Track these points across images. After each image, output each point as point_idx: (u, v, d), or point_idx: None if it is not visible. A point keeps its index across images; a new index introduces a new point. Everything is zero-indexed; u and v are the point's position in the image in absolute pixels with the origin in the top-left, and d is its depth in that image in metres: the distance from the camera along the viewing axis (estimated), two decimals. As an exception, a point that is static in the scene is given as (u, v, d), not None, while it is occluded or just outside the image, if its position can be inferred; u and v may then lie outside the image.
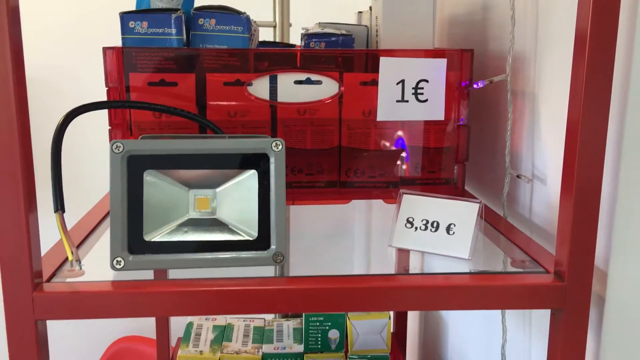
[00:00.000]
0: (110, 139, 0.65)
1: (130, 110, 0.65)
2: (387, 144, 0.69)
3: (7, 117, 0.44)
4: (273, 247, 0.52)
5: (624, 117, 0.51)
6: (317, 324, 0.96)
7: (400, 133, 0.70)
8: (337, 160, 0.70)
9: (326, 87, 0.68)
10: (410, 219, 0.58)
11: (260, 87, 0.67)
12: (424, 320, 1.12)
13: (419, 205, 0.58)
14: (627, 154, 0.51)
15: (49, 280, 0.50)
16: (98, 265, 0.54)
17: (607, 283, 0.54)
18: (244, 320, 1.06)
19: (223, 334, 1.01)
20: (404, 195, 0.59)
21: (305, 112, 0.69)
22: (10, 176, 0.45)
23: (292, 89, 0.68)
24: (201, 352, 0.95)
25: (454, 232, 0.56)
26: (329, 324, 0.96)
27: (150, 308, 0.48)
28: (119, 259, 0.51)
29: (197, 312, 0.48)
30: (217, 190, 0.54)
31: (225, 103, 0.67)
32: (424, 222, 0.58)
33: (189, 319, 1.04)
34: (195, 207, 0.54)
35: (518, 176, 0.68)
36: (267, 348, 0.96)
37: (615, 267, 0.53)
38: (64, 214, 0.49)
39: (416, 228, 0.58)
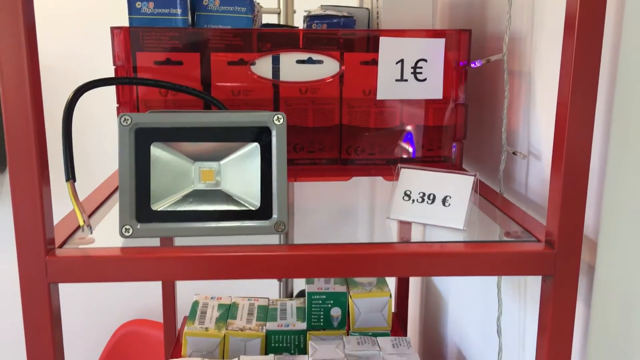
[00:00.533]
0: (118, 116, 0.67)
1: (137, 89, 0.68)
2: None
3: (21, 93, 0.46)
4: (275, 216, 0.55)
5: (612, 94, 0.53)
6: (320, 302, 0.98)
7: (399, 112, 0.72)
8: (337, 138, 0.72)
9: (327, 67, 0.70)
10: (408, 192, 0.60)
11: (263, 67, 0.69)
12: (424, 300, 1.14)
13: (416, 179, 0.60)
14: (616, 129, 0.53)
15: (60, 246, 0.52)
16: (107, 234, 0.56)
17: (596, 252, 0.56)
18: (248, 300, 1.08)
19: (228, 312, 1.03)
20: (402, 169, 0.61)
21: (307, 91, 0.71)
22: (24, 151, 0.47)
23: (294, 68, 0.70)
24: (207, 328, 0.98)
25: (449, 204, 0.58)
26: (331, 302, 0.98)
27: (157, 272, 0.50)
28: (127, 226, 0.53)
29: (202, 276, 0.50)
30: (221, 162, 0.56)
31: (229, 83, 0.69)
32: (421, 194, 0.60)
33: (194, 299, 1.07)
34: (200, 178, 0.56)
35: (514, 153, 0.69)
36: (271, 325, 0.99)
37: (605, 238, 0.55)
38: (75, 184, 0.51)
39: (413, 201, 0.60)
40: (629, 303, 0.52)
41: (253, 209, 0.55)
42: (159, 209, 0.54)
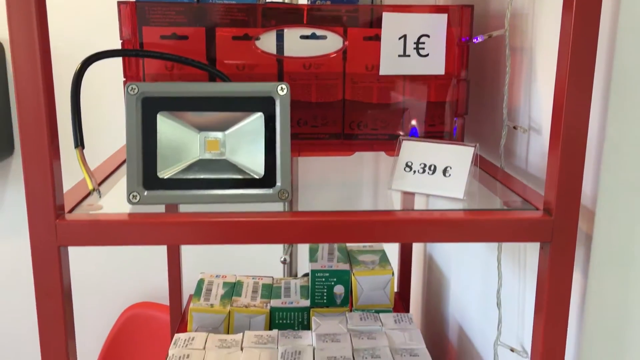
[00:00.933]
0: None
1: (144, 63, 0.69)
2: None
3: (32, 62, 0.47)
4: (278, 184, 0.56)
5: (610, 67, 0.54)
6: (323, 279, 1.00)
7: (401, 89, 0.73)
8: (341, 113, 0.73)
9: (331, 42, 0.71)
10: (409, 163, 0.61)
11: (267, 42, 0.70)
12: (426, 280, 1.15)
13: (417, 150, 0.61)
14: (614, 100, 0.53)
15: (70, 212, 0.53)
16: (115, 202, 0.57)
17: (594, 222, 0.57)
18: (252, 279, 1.10)
19: (233, 290, 1.05)
20: (404, 141, 0.62)
21: (310, 67, 0.72)
22: (35, 121, 0.48)
23: (298, 44, 0.71)
24: (212, 305, 1.00)
25: (449, 174, 0.59)
26: (335, 279, 0.99)
27: (164, 237, 0.52)
28: (134, 193, 0.54)
29: (207, 241, 0.51)
30: (226, 132, 0.57)
31: (233, 58, 0.70)
32: (422, 165, 0.61)
33: (199, 277, 1.09)
34: (206, 148, 0.57)
35: (515, 127, 0.70)
36: (275, 302, 1.00)
37: (602, 207, 0.56)
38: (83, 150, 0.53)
39: (414, 171, 0.61)
40: (626, 272, 0.54)
41: (257, 177, 0.56)
42: (165, 177, 0.55)
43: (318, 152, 0.74)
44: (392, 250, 1.14)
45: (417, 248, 1.17)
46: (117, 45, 0.69)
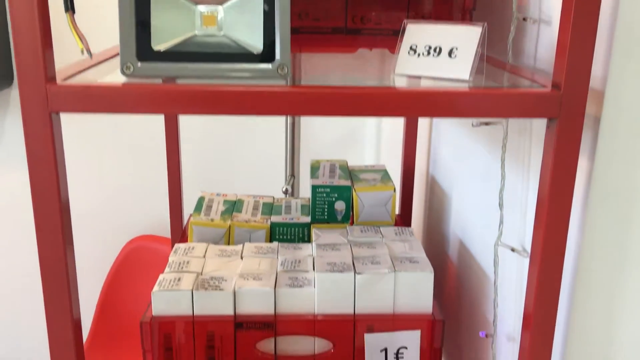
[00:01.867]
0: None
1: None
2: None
3: None
4: (277, 58, 0.54)
5: None
6: (324, 195, 0.99)
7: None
8: (344, 5, 0.71)
9: None
10: (414, 47, 0.59)
11: None
12: (428, 199, 1.14)
13: (422, 33, 0.59)
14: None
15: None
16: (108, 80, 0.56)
17: (603, 103, 0.55)
18: (253, 197, 1.09)
19: (233, 207, 1.04)
20: (408, 24, 0.60)
21: (313, -45, 0.69)
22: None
23: None
24: (212, 219, 0.99)
25: (455, 56, 0.57)
26: (336, 195, 0.98)
27: (159, 105, 0.50)
28: (128, 64, 0.53)
29: (204, 110, 0.50)
30: (224, 6, 0.55)
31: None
32: (427, 48, 0.58)
33: (200, 195, 1.08)
34: (202, 23, 0.55)
35: (524, 19, 0.68)
36: (275, 218, 1.00)
37: (612, 87, 0.54)
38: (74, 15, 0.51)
39: (419, 54, 0.59)
40: (633, 154, 0.52)
41: (256, 52, 0.55)
42: (160, 49, 0.54)
43: (320, 47, 0.72)
44: (394, 171, 1.13)
45: (419, 168, 1.16)
46: None
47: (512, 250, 0.71)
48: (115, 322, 1.73)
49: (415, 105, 0.51)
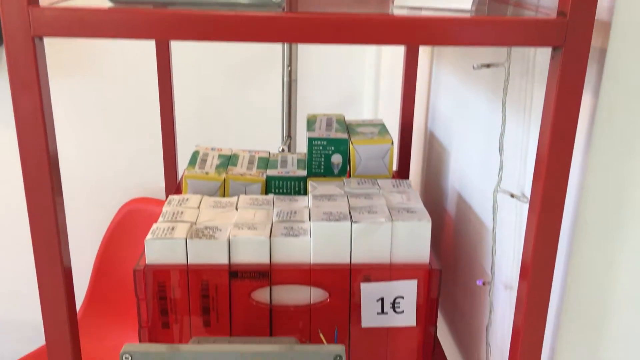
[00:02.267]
0: None
1: None
2: None
3: None
4: (272, -15, 0.52)
5: None
6: (321, 148, 0.97)
7: None
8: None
9: None
10: (413, -22, 0.57)
11: None
12: (426, 155, 1.13)
13: (422, -37, 0.57)
14: None
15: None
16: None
17: (609, 34, 0.53)
18: (249, 152, 1.07)
19: (228, 161, 1.03)
20: (408, -45, 0.58)
21: None
22: None
23: None
24: (207, 173, 0.98)
25: (457, -14, 0.55)
26: (332, 148, 0.97)
27: (149, 29, 0.48)
28: (116, -11, 0.50)
29: (198, 36, 0.48)
30: None
31: None
32: (427, -22, 0.56)
33: (194, 149, 1.06)
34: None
35: (528, -45, 0.65)
36: (271, 172, 0.98)
37: (619, 17, 0.52)
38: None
39: (419, -14, 0.57)
40: (637, 87, 0.50)
41: (250, -20, 0.52)
42: (149, -25, 0.51)
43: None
44: (393, 129, 1.11)
45: (417, 125, 1.14)
46: None
47: (512, 196, 0.69)
48: (112, 284, 1.73)
49: (416, 32, 0.49)
